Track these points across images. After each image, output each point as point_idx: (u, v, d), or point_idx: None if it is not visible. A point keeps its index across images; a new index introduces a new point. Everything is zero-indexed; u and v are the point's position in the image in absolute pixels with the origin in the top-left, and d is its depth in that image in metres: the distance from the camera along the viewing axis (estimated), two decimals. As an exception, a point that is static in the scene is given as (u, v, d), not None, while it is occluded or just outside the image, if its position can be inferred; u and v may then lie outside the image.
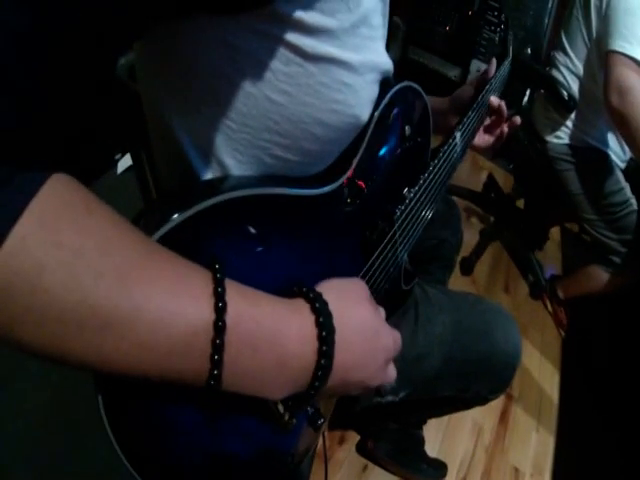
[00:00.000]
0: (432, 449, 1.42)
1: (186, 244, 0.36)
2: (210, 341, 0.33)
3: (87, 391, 0.37)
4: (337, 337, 0.40)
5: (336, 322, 0.40)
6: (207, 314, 0.33)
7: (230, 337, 0.33)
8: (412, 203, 0.66)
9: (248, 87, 0.43)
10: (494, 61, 0.94)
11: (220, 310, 0.33)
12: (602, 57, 1.38)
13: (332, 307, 0.41)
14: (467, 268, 2.08)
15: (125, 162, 1.56)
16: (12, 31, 0.26)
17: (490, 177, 2.37)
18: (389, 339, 0.48)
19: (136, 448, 0.40)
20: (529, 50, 1.90)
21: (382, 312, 0.50)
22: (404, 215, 0.65)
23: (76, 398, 0.89)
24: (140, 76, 0.50)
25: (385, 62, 0.53)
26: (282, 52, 0.42)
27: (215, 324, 0.33)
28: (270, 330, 0.37)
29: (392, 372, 0.50)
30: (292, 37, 0.41)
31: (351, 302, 0.45)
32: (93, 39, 0.30)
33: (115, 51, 0.34)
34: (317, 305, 0.40)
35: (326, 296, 0.41)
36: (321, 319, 0.39)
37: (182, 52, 0.42)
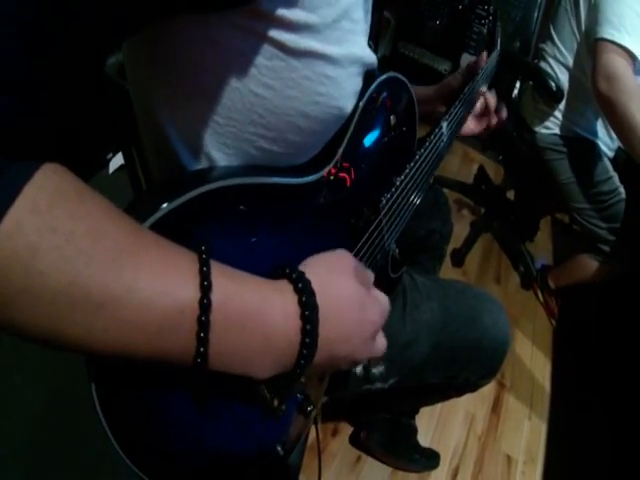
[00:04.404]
0: (425, 439, 1.44)
1: (175, 232, 0.37)
2: (196, 319, 0.34)
3: (83, 384, 0.37)
4: (321, 314, 0.40)
5: (319, 299, 0.41)
6: (193, 292, 0.34)
7: (216, 315, 0.34)
8: (398, 191, 0.67)
9: (233, 82, 0.44)
10: (484, 54, 0.95)
11: (205, 288, 0.34)
12: (591, 47, 1.39)
13: (315, 284, 0.41)
14: (458, 260, 2.10)
15: (117, 161, 1.57)
16: (14, 22, 0.27)
17: (481, 169, 2.38)
18: (375, 311, 0.48)
19: (128, 435, 0.41)
20: (518, 43, 1.92)
21: (371, 276, 0.51)
22: (390, 203, 0.66)
23: (73, 393, 0.89)
24: (128, 72, 0.51)
25: (368, 55, 0.53)
26: (265, 48, 0.42)
27: (201, 302, 0.34)
28: (255, 309, 0.38)
29: (381, 344, 0.50)
30: (275, 33, 0.42)
31: (335, 277, 0.45)
32: (87, 35, 0.31)
33: (104, 51, 0.35)
34: (300, 285, 0.41)
35: (310, 273, 0.42)
36: (304, 298, 0.40)
37: (167, 49, 0.43)
